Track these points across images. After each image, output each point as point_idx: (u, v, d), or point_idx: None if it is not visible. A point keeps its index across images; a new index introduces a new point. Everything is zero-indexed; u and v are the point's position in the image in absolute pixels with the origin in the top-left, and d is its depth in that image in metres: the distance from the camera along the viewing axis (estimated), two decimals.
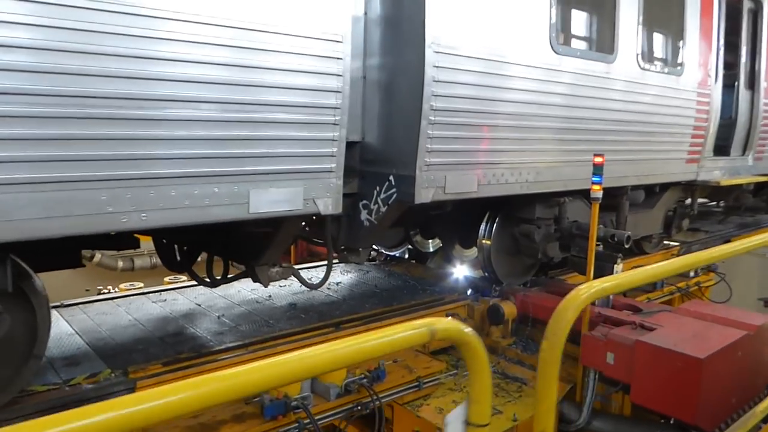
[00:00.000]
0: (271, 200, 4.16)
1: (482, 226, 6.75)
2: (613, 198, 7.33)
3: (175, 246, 5.65)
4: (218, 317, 5.76)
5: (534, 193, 6.15)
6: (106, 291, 8.42)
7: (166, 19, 3.56)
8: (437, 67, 4.90)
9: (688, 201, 8.96)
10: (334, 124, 4.40)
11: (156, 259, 6.50)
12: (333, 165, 4.47)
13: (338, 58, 4.34)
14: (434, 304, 6.35)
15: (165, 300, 6.24)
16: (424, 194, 5.05)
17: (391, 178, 5.12)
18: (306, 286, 5.65)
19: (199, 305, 6.09)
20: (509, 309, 6.35)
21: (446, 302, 6.45)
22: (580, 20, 6.34)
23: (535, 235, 6.52)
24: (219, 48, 3.79)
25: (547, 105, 5.91)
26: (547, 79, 5.85)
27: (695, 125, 7.93)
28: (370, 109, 5.28)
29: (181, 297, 6.33)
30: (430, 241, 8.25)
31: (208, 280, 5.47)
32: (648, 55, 7.06)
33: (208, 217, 3.91)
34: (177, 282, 7.59)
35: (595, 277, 6.11)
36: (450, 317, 6.24)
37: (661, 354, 4.79)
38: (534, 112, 5.80)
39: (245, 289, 6.61)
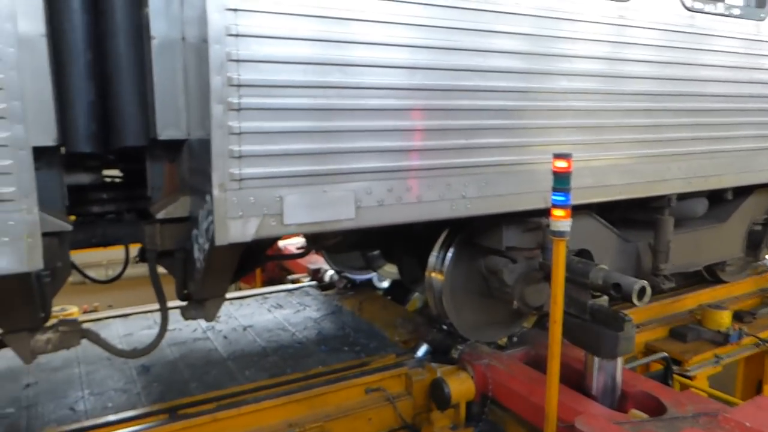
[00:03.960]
0: None
1: (434, 253, 4.40)
2: (649, 212, 4.66)
3: None
4: (26, 386, 3.98)
5: (491, 214, 3.72)
6: None
7: None
8: (236, 10, 2.67)
9: None
10: None
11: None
12: (8, 189, 2.42)
13: None
14: (351, 375, 4.15)
15: None
16: (235, 228, 2.88)
17: (208, 197, 2.97)
18: (114, 353, 3.67)
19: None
20: (461, 386, 4.05)
21: (371, 370, 4.22)
22: None
23: (505, 273, 4.08)
24: None
25: (493, 72, 3.45)
26: (483, 28, 3.39)
27: None
28: (194, 89, 3.15)
29: None
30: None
31: None
32: None
33: None
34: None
35: (589, 351, 3.66)
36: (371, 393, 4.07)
37: None
38: (466, 83, 3.38)
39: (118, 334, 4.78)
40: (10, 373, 4.15)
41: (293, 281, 6.31)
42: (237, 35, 2.68)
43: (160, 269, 3.61)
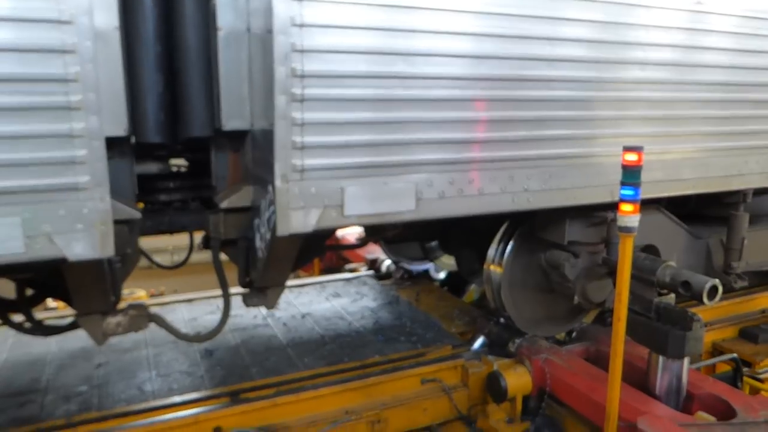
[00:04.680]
0: None
1: (493, 245, 4.34)
2: (723, 207, 4.44)
3: None
4: (98, 366, 4.14)
5: (554, 208, 3.62)
6: None
7: None
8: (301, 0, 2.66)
9: None
10: (68, 108, 2.41)
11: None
12: (83, 178, 2.49)
13: None
14: (407, 365, 4.15)
15: None
16: (296, 219, 2.89)
17: (270, 188, 3.00)
18: (180, 337, 3.76)
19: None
20: (518, 380, 3.98)
21: (427, 361, 4.20)
22: None
23: (567, 268, 3.97)
24: None
25: (561, 61, 3.34)
26: (552, 15, 3.28)
27: None
28: (258, 79, 3.18)
29: None
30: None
31: (29, 325, 3.75)
32: None
33: None
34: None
35: (654, 349, 3.53)
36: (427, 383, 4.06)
37: None
38: (533, 73, 3.28)
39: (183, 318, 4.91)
40: (84, 353, 4.32)
41: (351, 270, 6.34)
42: (302, 25, 2.67)
43: (223, 257, 3.67)
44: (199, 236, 3.89)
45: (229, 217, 3.49)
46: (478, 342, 4.49)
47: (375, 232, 4.76)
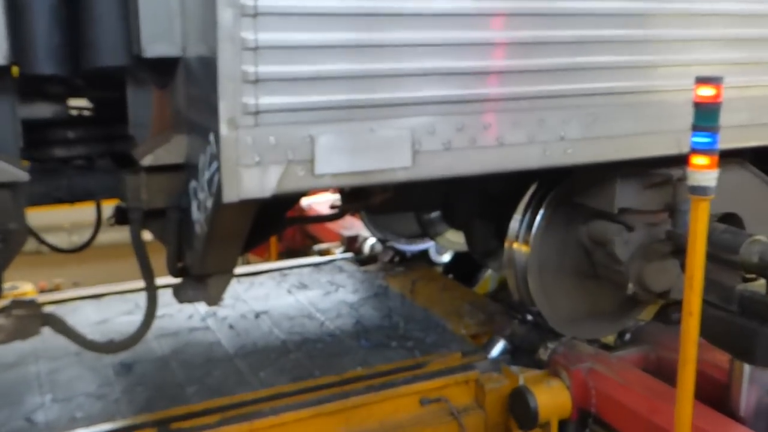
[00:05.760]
0: None
1: (516, 216, 4.49)
2: None
3: None
4: None
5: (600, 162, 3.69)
6: None
7: None
8: None
9: None
10: None
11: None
12: None
13: None
14: (401, 380, 4.24)
15: None
16: (249, 179, 2.92)
17: (213, 137, 3.02)
18: (85, 346, 3.81)
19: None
20: (552, 399, 4.14)
21: (428, 374, 4.31)
22: None
23: (617, 245, 4.06)
24: None
25: None
26: None
27: None
28: None
29: None
30: None
31: None
32: None
33: None
34: None
35: (738, 356, 3.67)
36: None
37: None
38: None
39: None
40: None
41: (321, 252, 6.43)
42: None
43: (146, 234, 3.70)
44: (110, 206, 3.92)
45: (153, 178, 3.52)
46: (498, 348, 4.60)
47: (356, 199, 4.81)
